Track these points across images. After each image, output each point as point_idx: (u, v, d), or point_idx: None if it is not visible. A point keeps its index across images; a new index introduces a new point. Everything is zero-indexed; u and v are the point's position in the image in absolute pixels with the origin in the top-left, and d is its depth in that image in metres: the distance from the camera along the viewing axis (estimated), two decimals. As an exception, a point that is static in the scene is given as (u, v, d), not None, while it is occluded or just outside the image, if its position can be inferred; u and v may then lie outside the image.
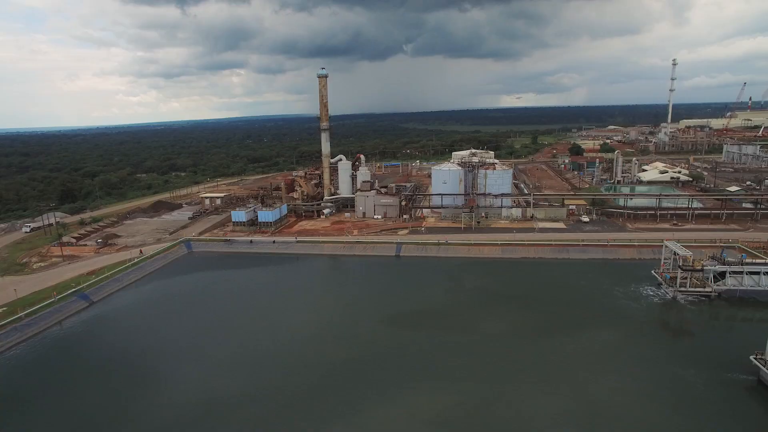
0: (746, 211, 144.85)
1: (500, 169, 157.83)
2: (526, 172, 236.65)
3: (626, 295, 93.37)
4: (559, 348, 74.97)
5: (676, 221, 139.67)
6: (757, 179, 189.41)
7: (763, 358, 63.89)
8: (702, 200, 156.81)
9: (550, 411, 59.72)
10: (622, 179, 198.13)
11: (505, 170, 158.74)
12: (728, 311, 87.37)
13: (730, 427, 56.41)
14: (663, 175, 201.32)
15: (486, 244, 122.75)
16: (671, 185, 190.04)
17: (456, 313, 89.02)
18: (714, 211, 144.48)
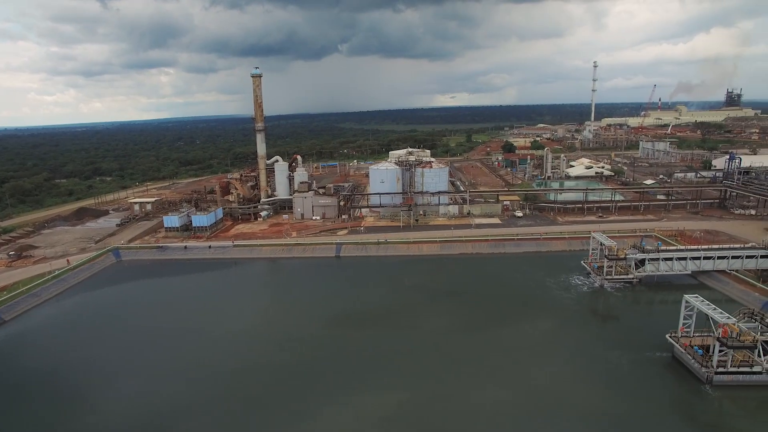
0: (660, 203, 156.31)
1: (437, 167, 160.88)
2: (461, 169, 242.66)
3: (559, 285, 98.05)
4: (500, 339, 77.79)
5: (601, 213, 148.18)
6: (668, 173, 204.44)
7: (676, 336, 69.61)
8: (623, 193, 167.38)
9: (495, 401, 61.78)
10: (551, 175, 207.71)
11: (441, 168, 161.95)
12: (647, 295, 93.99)
13: (650, 399, 60.98)
14: (588, 171, 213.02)
15: (425, 241, 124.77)
16: (596, 180, 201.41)
17: (398, 311, 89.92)
18: (633, 203, 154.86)
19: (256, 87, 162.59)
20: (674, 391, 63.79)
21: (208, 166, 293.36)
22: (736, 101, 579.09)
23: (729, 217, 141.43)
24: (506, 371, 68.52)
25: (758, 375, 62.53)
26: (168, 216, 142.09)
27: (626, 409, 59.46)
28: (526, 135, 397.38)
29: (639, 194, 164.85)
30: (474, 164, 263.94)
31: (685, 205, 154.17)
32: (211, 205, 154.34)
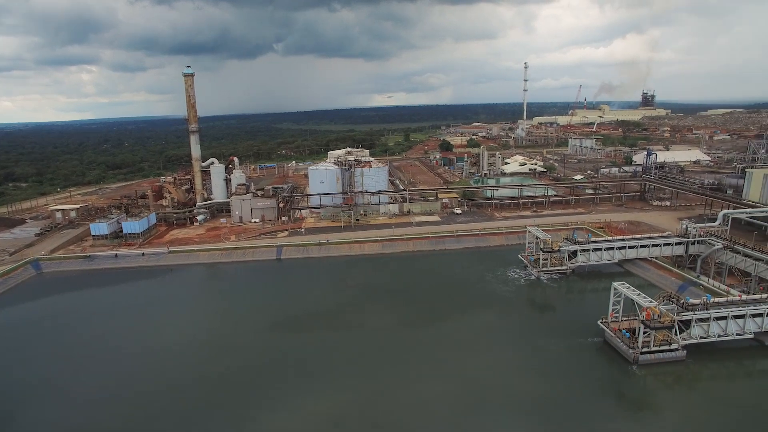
0: (588, 197, 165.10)
1: (376, 166, 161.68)
2: (400, 168, 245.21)
3: (498, 278, 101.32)
4: (444, 333, 79.44)
5: (535, 208, 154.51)
6: (595, 168, 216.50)
7: (607, 321, 73.97)
8: (555, 188, 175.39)
9: (441, 393, 62.99)
10: (488, 172, 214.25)
11: (380, 168, 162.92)
12: (580, 284, 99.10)
13: (585, 382, 64.85)
14: (522, 167, 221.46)
15: (366, 240, 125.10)
16: (530, 176, 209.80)
17: (342, 311, 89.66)
18: (565, 198, 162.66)
19: (189, 87, 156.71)
20: (606, 372, 67.80)
21: (138, 169, 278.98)
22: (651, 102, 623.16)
23: (648, 209, 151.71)
24: (451, 364, 70.01)
25: (675, 352, 67.74)
26: (96, 223, 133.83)
27: (563, 393, 62.48)
28: (462, 134, 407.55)
29: (569, 189, 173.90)
30: (412, 163, 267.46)
31: (611, 199, 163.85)
32: (143, 211, 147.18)
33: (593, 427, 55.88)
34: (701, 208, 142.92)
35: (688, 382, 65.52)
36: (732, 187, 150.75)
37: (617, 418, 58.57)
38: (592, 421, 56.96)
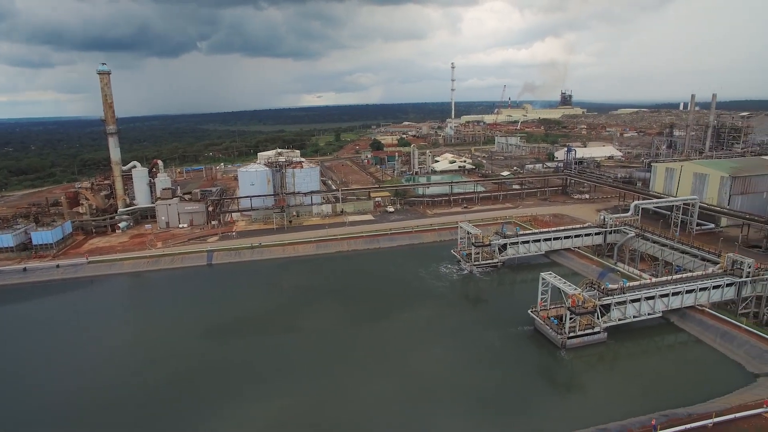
0: (515, 192, 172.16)
1: (307, 167, 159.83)
2: (332, 168, 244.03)
3: (432, 274, 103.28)
4: (382, 331, 79.97)
5: (466, 205, 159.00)
6: (520, 165, 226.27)
7: (536, 310, 77.62)
8: (484, 185, 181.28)
9: (383, 391, 63.34)
10: (419, 170, 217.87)
11: (312, 168, 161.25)
12: (511, 276, 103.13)
13: (519, 369, 67.66)
14: (452, 165, 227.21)
15: (300, 242, 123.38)
16: (459, 173, 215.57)
17: (280, 314, 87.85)
18: (493, 194, 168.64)
19: (105, 85, 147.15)
20: (537, 358, 71.20)
21: (49, 175, 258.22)
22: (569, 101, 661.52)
23: (570, 202, 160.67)
24: (394, 361, 70.59)
25: (598, 334, 72.28)
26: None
27: (501, 381, 64.98)
28: (393, 133, 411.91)
29: (497, 185, 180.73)
30: (344, 163, 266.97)
31: (536, 193, 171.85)
32: (56, 219, 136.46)
33: (528, 411, 58.35)
34: (616, 200, 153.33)
35: (610, 361, 70.08)
36: (641, 180, 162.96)
37: (549, 400, 61.54)
38: (527, 406, 59.50)
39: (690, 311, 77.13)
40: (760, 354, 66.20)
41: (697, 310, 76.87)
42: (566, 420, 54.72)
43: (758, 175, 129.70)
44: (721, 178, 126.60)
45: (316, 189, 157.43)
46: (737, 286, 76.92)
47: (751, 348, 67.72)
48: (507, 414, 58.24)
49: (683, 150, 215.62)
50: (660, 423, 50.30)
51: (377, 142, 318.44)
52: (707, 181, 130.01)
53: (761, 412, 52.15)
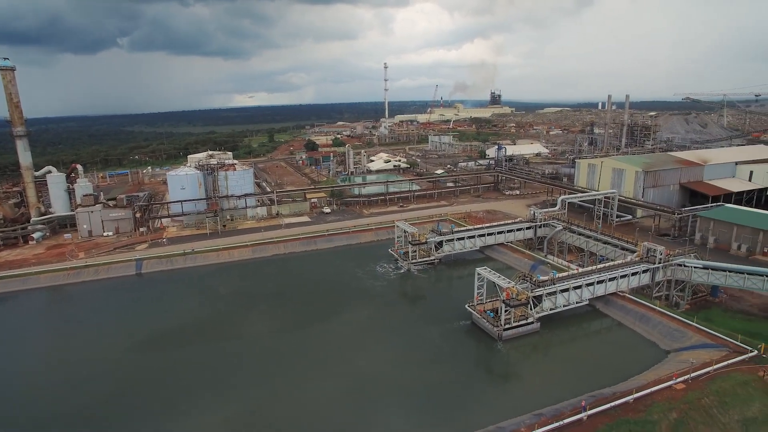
0: (450, 189, 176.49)
1: (240, 169, 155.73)
2: (266, 170, 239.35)
3: (371, 274, 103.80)
4: (324, 333, 79.37)
5: (402, 203, 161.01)
6: (454, 163, 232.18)
7: (473, 304, 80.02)
8: (419, 183, 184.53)
9: (333, 392, 63.02)
10: (354, 170, 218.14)
11: (245, 170, 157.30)
12: (448, 273, 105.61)
13: (458, 363, 69.39)
14: (387, 164, 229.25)
15: (236, 246, 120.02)
16: (395, 172, 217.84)
17: (216, 322, 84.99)
18: (428, 192, 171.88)
19: (9, 83, 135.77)
20: (476, 351, 73.57)
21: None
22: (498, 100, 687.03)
23: (502, 198, 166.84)
24: (334, 363, 70.32)
25: (531, 325, 75.66)
26: None
27: (441, 376, 66.33)
28: (327, 133, 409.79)
29: (432, 183, 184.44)
30: (278, 164, 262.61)
31: (469, 190, 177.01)
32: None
33: (470, 403, 60.07)
34: (544, 195, 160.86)
35: (543, 349, 73.50)
36: (566, 176, 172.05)
37: (489, 391, 63.87)
38: (468, 398, 61.19)
39: (612, 297, 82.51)
40: (670, 332, 72.20)
41: (618, 296, 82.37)
42: (505, 409, 56.90)
43: (666, 169, 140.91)
44: (635, 172, 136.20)
45: (250, 191, 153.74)
46: (651, 272, 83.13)
47: (663, 328, 73.66)
48: (449, 407, 59.70)
49: (603, 147, 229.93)
50: (589, 404, 53.51)
51: (312, 143, 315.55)
52: (624, 175, 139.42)
53: (671, 384, 56.91)
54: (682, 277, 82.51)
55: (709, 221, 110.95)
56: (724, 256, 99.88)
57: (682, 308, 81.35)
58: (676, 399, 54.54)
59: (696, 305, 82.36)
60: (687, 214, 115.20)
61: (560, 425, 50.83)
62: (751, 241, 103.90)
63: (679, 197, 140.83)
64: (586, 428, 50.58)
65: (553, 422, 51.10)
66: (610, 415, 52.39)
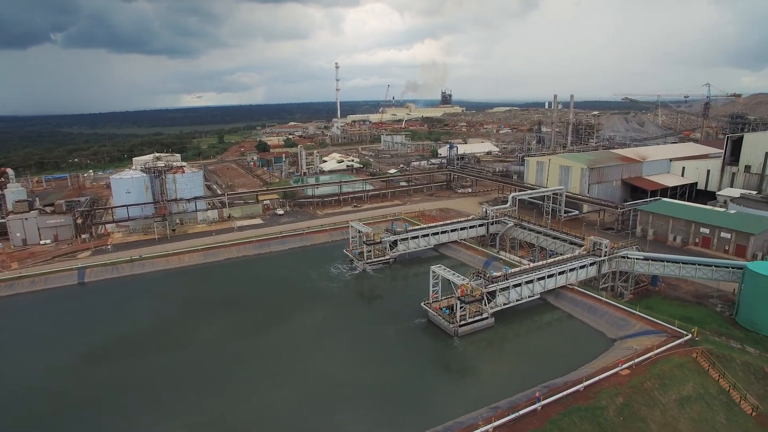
0: (403, 189, 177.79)
1: (190, 171, 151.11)
2: (216, 172, 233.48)
3: (326, 275, 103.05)
4: (281, 337, 78.20)
5: (355, 203, 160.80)
6: (406, 162, 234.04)
7: (429, 302, 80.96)
8: (372, 183, 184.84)
9: (293, 396, 62.13)
10: (307, 171, 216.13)
11: (195, 172, 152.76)
12: (403, 272, 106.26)
13: (416, 360, 70.01)
14: (340, 164, 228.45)
15: (186, 251, 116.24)
16: (348, 172, 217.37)
17: (167, 329, 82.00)
18: (382, 191, 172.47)
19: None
20: (433, 348, 74.30)
21: None
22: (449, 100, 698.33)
23: (455, 196, 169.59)
24: (291, 366, 69.38)
25: (486, 320, 77.32)
26: None
27: (399, 374, 66.75)
28: (279, 133, 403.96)
29: (385, 183, 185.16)
30: (229, 165, 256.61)
31: (422, 189, 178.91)
32: None
33: (428, 400, 60.68)
34: (496, 193, 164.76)
35: (498, 343, 75.23)
36: (516, 173, 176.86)
37: (447, 387, 64.60)
38: (426, 395, 61.81)
39: (562, 290, 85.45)
40: (616, 322, 75.62)
41: (568, 289, 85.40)
42: (463, 403, 57.81)
43: (609, 166, 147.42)
44: (581, 169, 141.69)
45: (200, 194, 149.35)
46: (598, 264, 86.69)
47: (609, 317, 77.04)
48: (408, 404, 60.08)
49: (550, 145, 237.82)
50: (542, 394, 55.17)
51: (263, 144, 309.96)
52: (570, 172, 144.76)
53: (617, 371, 59.61)
54: (625, 268, 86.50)
55: (648, 215, 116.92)
56: (662, 247, 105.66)
57: (626, 298, 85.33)
58: (622, 384, 57.11)
59: (638, 294, 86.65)
60: (628, 209, 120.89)
61: (516, 416, 52.14)
62: (685, 233, 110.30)
63: (621, 192, 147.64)
64: (541, 418, 52.11)
65: (509, 414, 52.36)
66: (563, 403, 54.23)
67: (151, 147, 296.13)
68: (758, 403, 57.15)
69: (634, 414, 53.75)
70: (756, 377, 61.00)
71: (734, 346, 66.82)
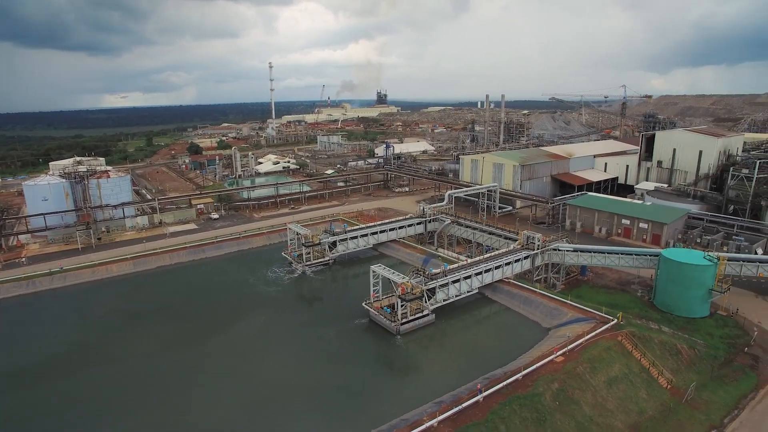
0: (341, 189, 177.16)
1: (116, 176, 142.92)
2: (146, 176, 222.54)
3: (265, 279, 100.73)
4: (222, 344, 75.56)
5: (293, 205, 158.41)
6: (343, 162, 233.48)
7: (370, 302, 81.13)
8: (309, 184, 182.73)
9: (231, 406, 59.79)
10: (242, 173, 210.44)
11: (121, 177, 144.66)
12: (343, 272, 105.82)
13: (359, 360, 70.16)
14: (276, 166, 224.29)
15: (114, 260, 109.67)
16: (284, 174, 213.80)
17: (95, 345, 76.87)
18: (320, 192, 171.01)
19: None
20: (375, 348, 74.63)
21: None
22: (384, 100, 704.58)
23: (392, 195, 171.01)
24: (232, 374, 67.22)
25: (427, 317, 78.48)
26: None
27: (342, 375, 66.38)
28: (211, 135, 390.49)
29: (323, 183, 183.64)
30: (159, 169, 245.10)
31: (360, 189, 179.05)
32: None
33: (373, 399, 60.75)
34: (432, 191, 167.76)
35: (439, 339, 76.51)
36: (452, 171, 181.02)
37: (391, 385, 65.03)
38: (371, 394, 61.89)
39: (499, 284, 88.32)
40: (550, 311, 79.18)
41: (504, 283, 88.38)
42: (408, 400, 58.31)
43: (539, 163, 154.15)
44: (513, 167, 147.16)
45: (128, 200, 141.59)
46: (531, 257, 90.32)
47: (544, 308, 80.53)
48: (354, 405, 59.89)
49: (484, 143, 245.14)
50: (484, 386, 56.68)
51: (195, 146, 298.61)
52: (503, 169, 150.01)
53: (552, 358, 62.41)
54: (557, 260, 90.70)
55: (576, 208, 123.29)
56: (589, 239, 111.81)
57: (558, 288, 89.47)
58: (557, 371, 59.80)
59: (569, 284, 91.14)
60: (558, 203, 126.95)
61: (459, 409, 53.24)
62: (609, 224, 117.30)
63: (551, 188, 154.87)
64: (483, 409, 53.52)
65: (453, 407, 53.39)
66: (503, 393, 55.99)
67: (70, 150, 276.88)
68: (672, 377, 62.09)
69: (569, 398, 56.41)
70: (670, 354, 66.00)
71: (653, 327, 71.83)
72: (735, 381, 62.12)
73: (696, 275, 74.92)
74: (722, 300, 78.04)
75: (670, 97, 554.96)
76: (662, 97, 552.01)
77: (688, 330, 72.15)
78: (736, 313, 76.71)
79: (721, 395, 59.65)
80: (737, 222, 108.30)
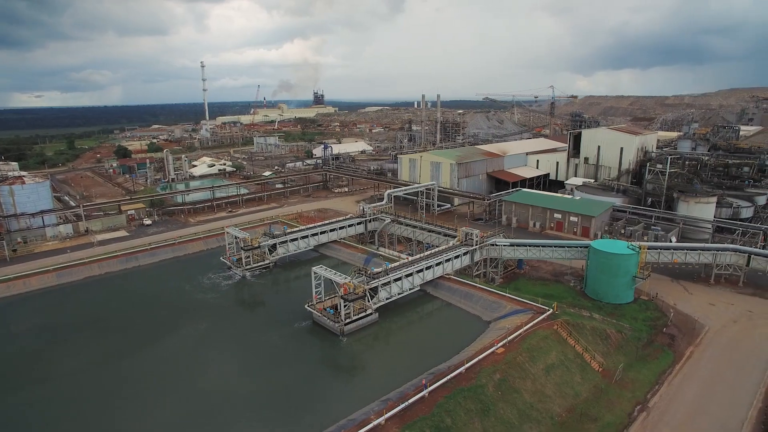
0: (279, 191, 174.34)
1: (32, 182, 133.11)
2: (68, 181, 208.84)
3: (203, 286, 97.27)
4: (160, 355, 72.24)
5: (230, 209, 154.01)
6: (281, 163, 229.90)
7: (313, 304, 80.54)
8: (247, 186, 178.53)
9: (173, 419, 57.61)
10: (176, 177, 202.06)
11: (39, 183, 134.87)
12: (284, 275, 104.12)
13: (304, 362, 69.17)
14: (212, 169, 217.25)
15: (33, 273, 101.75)
16: (220, 177, 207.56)
17: (19, 364, 71.17)
18: (258, 195, 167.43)
19: None
20: (320, 349, 73.96)
21: None
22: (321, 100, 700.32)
23: (332, 196, 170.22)
24: (173, 386, 64.44)
25: (370, 316, 78.80)
26: None
27: (287, 379, 65.27)
28: (141, 137, 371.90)
29: (261, 186, 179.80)
30: (83, 174, 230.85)
31: (299, 191, 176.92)
32: None
33: (320, 401, 60.19)
34: (372, 191, 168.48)
35: (384, 337, 77.06)
36: (391, 171, 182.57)
37: (337, 386, 64.68)
38: (318, 396, 61.26)
39: (440, 280, 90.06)
40: (490, 305, 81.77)
41: (445, 279, 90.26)
42: (355, 400, 58.17)
43: (475, 161, 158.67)
44: (450, 165, 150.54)
45: (47, 207, 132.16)
46: (470, 253, 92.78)
47: (484, 302, 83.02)
48: (300, 408, 59.06)
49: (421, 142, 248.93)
50: (429, 381, 57.65)
51: (123, 149, 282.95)
52: (441, 168, 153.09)
53: (494, 350, 64.49)
54: (494, 255, 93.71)
55: (511, 204, 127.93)
56: (524, 233, 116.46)
57: (497, 282, 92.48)
58: (498, 362, 61.84)
59: (507, 278, 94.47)
60: (494, 200, 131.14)
61: (406, 406, 53.79)
62: (542, 219, 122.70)
63: (487, 185, 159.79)
64: (428, 404, 54.39)
65: (400, 404, 53.86)
66: (448, 387, 57.16)
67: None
68: (603, 360, 66.03)
69: (510, 387, 58.47)
70: (601, 339, 70.11)
71: (585, 314, 75.96)
72: (656, 359, 67.04)
73: (621, 264, 79.88)
74: (644, 286, 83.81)
75: (594, 98, 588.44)
76: (587, 97, 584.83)
77: (616, 315, 76.86)
78: (656, 297, 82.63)
79: (644, 373, 64.10)
80: (654, 213, 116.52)
